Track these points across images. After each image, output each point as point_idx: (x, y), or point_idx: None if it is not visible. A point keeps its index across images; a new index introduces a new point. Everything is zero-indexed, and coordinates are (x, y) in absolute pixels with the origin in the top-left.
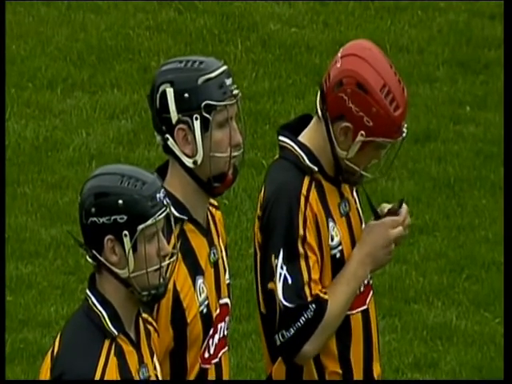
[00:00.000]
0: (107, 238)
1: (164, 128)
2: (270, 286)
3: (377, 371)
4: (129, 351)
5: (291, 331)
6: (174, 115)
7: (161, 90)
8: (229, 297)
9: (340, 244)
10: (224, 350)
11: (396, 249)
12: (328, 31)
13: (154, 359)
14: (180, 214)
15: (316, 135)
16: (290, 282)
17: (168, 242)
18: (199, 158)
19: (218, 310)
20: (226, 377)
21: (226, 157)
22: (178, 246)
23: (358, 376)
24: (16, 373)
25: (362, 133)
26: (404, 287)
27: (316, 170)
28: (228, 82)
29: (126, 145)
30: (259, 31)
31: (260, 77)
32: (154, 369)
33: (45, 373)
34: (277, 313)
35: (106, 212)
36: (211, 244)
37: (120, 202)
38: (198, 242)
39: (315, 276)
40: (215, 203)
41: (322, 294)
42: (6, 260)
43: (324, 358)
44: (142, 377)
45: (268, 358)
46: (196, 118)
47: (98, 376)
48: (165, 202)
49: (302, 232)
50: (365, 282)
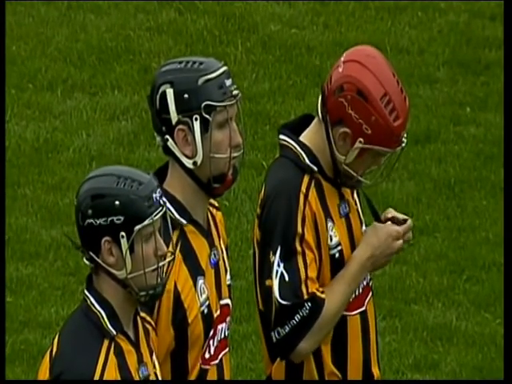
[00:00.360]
0: (104, 239)
1: (164, 129)
2: (268, 283)
3: (376, 373)
4: (128, 350)
5: (286, 329)
6: (174, 116)
7: (161, 90)
8: (230, 297)
9: (339, 244)
10: (225, 351)
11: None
12: (328, 32)
13: (153, 358)
14: (180, 215)
15: (316, 136)
16: (286, 279)
17: (165, 242)
18: (199, 158)
19: (219, 311)
20: (226, 378)
21: (225, 157)
22: (179, 247)
23: (357, 378)
24: (17, 374)
25: (361, 140)
26: (404, 288)
27: (316, 170)
28: (228, 82)
29: (126, 146)
30: (259, 32)
31: (260, 78)
32: (154, 367)
33: (44, 373)
34: (273, 310)
35: (103, 213)
36: (212, 245)
37: (117, 203)
38: (198, 243)
39: (312, 274)
40: (216, 204)
41: (318, 293)
42: (6, 261)
43: (323, 358)
44: (141, 376)
45: (267, 357)
46: (196, 119)
47: (97, 375)
48: (161, 202)
49: (300, 230)
50: (364, 283)
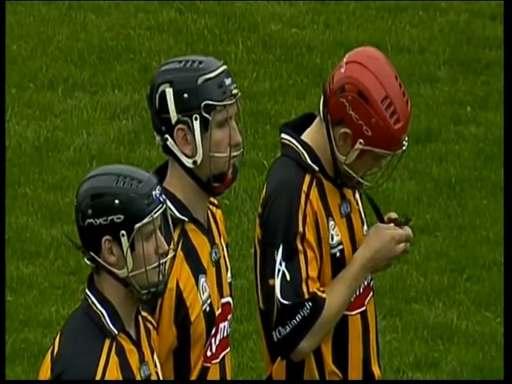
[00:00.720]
0: (105, 238)
1: (163, 128)
2: (271, 282)
3: (376, 372)
4: (129, 350)
5: (287, 328)
6: (174, 115)
7: (160, 90)
8: (231, 295)
9: (340, 244)
10: (227, 350)
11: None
12: (329, 31)
13: (155, 357)
14: (181, 214)
15: (318, 136)
16: (287, 278)
17: (166, 240)
18: (199, 158)
19: (220, 309)
20: (228, 377)
21: (225, 157)
22: (180, 245)
23: (357, 377)
24: (17, 373)
25: (361, 141)
26: (405, 287)
27: (317, 169)
28: (227, 81)
29: (126, 145)
30: (260, 31)
31: (261, 77)
32: (155, 366)
33: (45, 372)
34: (274, 309)
35: (103, 213)
36: (212, 243)
37: (116, 201)
38: (199, 241)
39: (313, 273)
40: (215, 202)
41: (319, 293)
42: (6, 260)
43: (324, 357)
44: (142, 375)
45: (268, 357)
46: (195, 118)
47: (98, 375)
48: (161, 199)
49: (301, 229)
50: (364, 283)
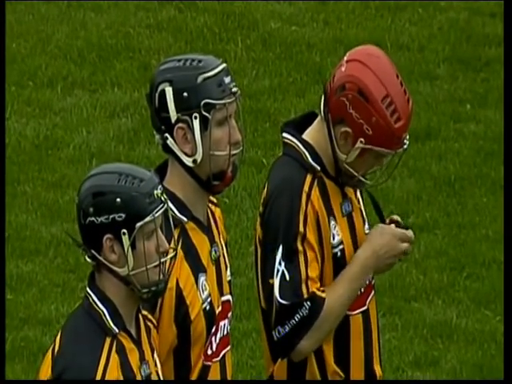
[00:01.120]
0: (106, 237)
1: (163, 127)
2: (272, 281)
3: (378, 372)
4: (130, 348)
5: (286, 328)
6: (174, 114)
7: (160, 89)
8: (231, 293)
9: (341, 243)
10: (227, 348)
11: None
12: (328, 29)
13: (155, 356)
14: (181, 213)
15: (319, 135)
16: (287, 278)
17: (167, 238)
18: (199, 156)
19: (221, 307)
20: (228, 375)
21: (225, 155)
22: (180, 244)
23: (359, 377)
24: (16, 371)
25: (362, 140)
26: (404, 285)
27: (318, 169)
28: (227, 80)
29: (126, 143)
30: (260, 29)
31: (260, 75)
32: (155, 365)
33: (45, 371)
34: (273, 309)
35: (105, 211)
36: (212, 241)
37: (118, 200)
38: (199, 240)
39: (313, 274)
40: (214, 200)
41: (318, 292)
42: (6, 258)
43: (325, 357)
44: (143, 374)
45: (269, 357)
46: (195, 117)
47: (99, 374)
48: (162, 199)
49: (301, 229)
50: (366, 282)
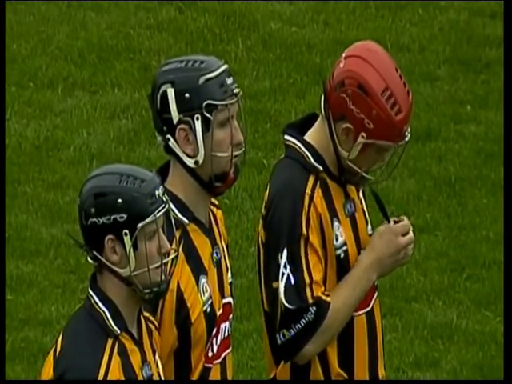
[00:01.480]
0: (107, 237)
1: (165, 128)
2: (275, 285)
3: (381, 373)
4: (132, 350)
5: (291, 332)
6: (175, 115)
7: (161, 90)
8: (231, 296)
9: (345, 244)
10: (228, 350)
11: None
12: (329, 30)
13: (156, 357)
14: (182, 214)
15: (320, 134)
16: (292, 282)
17: (168, 239)
18: (201, 157)
19: (221, 309)
20: (229, 378)
21: (227, 156)
22: (181, 246)
23: (363, 378)
24: (17, 372)
25: (363, 134)
26: (405, 286)
27: (321, 169)
28: (229, 81)
29: (126, 144)
30: (260, 30)
31: (261, 76)
32: (157, 367)
33: (47, 372)
34: (278, 312)
35: (106, 212)
36: (214, 243)
37: (119, 201)
38: (200, 242)
39: (317, 277)
40: (216, 202)
41: (324, 297)
42: (6, 259)
43: (329, 360)
44: (145, 375)
45: (271, 359)
46: (197, 118)
47: (101, 375)
48: (164, 199)
49: (305, 232)
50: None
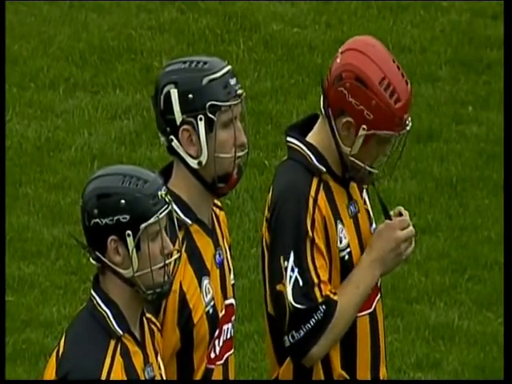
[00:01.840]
0: (110, 238)
1: (168, 129)
2: (279, 287)
3: (383, 373)
4: (134, 351)
5: (301, 332)
6: (179, 116)
7: (165, 91)
8: (234, 297)
9: (348, 246)
10: (230, 352)
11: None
12: (330, 31)
13: (159, 359)
14: (185, 215)
15: (322, 134)
16: (300, 283)
17: (171, 240)
18: (204, 158)
19: (224, 311)
20: (231, 379)
21: (230, 157)
22: (184, 247)
23: (365, 379)
24: (18, 373)
25: (364, 127)
26: (406, 287)
27: (324, 170)
28: (232, 81)
29: (128, 145)
30: (261, 31)
31: (262, 77)
32: (159, 368)
33: (50, 373)
34: (286, 314)
35: (109, 213)
36: (216, 244)
37: (122, 201)
38: (203, 243)
39: (324, 277)
40: (218, 203)
41: (332, 295)
42: (8, 260)
43: (332, 361)
44: (147, 376)
45: (274, 359)
46: (200, 119)
47: (103, 376)
48: (167, 200)
49: (310, 234)
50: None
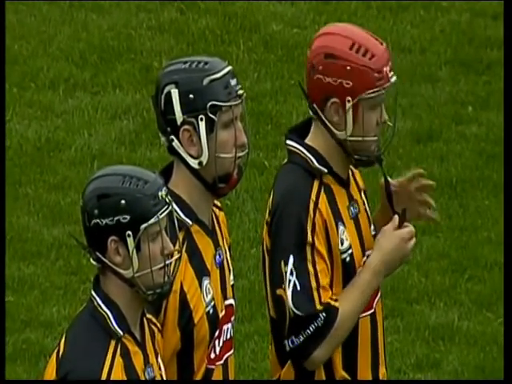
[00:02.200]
0: (111, 239)
1: (169, 129)
2: (279, 292)
3: (382, 373)
4: (134, 351)
5: (301, 338)
6: (179, 116)
7: (165, 91)
8: (233, 297)
9: (350, 247)
10: (230, 352)
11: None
12: None
13: (159, 359)
14: (186, 215)
15: (318, 135)
16: (299, 288)
17: (171, 240)
18: (204, 158)
19: (224, 311)
20: (231, 379)
21: (231, 157)
22: (185, 247)
23: (366, 379)
24: (18, 373)
25: (348, 98)
26: (406, 288)
27: (325, 171)
28: (233, 82)
29: (128, 145)
30: (261, 31)
31: (262, 77)
32: (159, 369)
33: (50, 373)
34: (286, 319)
35: (109, 213)
36: (216, 245)
37: (122, 202)
38: (204, 243)
39: (324, 282)
40: (218, 204)
41: (332, 302)
42: (8, 260)
43: (333, 362)
44: (147, 377)
45: (276, 361)
46: (201, 119)
47: (103, 377)
48: (167, 200)
49: (310, 238)
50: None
